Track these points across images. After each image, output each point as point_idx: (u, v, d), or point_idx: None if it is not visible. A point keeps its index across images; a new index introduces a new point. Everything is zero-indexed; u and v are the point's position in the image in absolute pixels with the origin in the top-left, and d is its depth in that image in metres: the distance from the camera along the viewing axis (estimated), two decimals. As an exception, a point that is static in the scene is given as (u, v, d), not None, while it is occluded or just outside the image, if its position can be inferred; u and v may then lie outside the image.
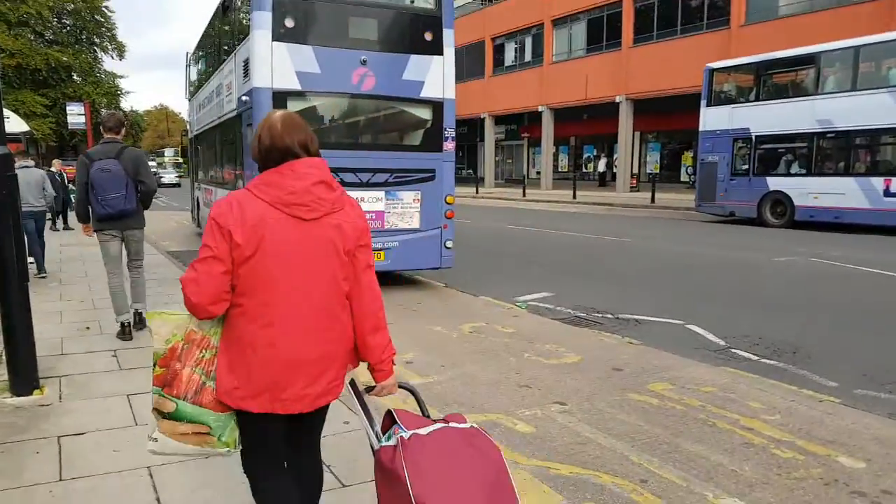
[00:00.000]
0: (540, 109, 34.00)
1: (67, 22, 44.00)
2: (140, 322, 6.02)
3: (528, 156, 39.16)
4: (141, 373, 4.79)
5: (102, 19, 44.54)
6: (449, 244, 8.76)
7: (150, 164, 10.68)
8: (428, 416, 2.22)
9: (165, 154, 64.41)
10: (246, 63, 8.12)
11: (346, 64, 7.88)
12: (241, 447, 2.19)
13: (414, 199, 8.48)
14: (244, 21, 8.60)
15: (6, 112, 15.33)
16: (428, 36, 8.30)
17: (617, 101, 29.76)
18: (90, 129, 15.38)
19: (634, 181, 30.38)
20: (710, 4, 26.16)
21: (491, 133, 38.75)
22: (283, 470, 2.28)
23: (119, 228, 5.85)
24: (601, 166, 33.43)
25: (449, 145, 8.71)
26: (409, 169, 8.43)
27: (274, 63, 7.59)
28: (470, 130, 42.07)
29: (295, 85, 7.70)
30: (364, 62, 7.94)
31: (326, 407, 2.23)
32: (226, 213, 1.97)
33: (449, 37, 8.45)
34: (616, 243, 13.75)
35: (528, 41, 35.97)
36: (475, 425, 2.14)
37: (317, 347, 2.07)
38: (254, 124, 7.29)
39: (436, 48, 8.36)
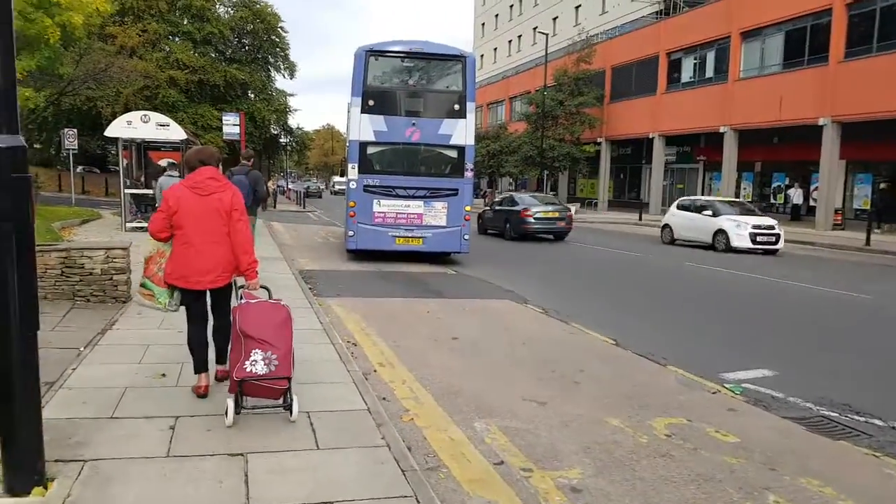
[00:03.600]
0: (722, 130, 30.26)
1: (246, 41, 46.97)
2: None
3: (704, 181, 35.24)
4: (194, 466, 3.26)
5: (277, 39, 47.03)
6: (466, 237, 13.13)
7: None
8: (270, 298, 4.33)
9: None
10: (349, 123, 13.58)
11: (402, 125, 12.71)
12: (172, 309, 4.55)
13: (442, 207, 12.91)
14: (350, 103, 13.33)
15: (166, 119, 15.49)
16: (456, 107, 12.83)
17: (820, 123, 25.47)
18: (244, 139, 15.20)
19: (839, 217, 25.78)
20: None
21: (660, 154, 35.36)
22: (199, 321, 4.55)
23: None
24: (796, 197, 28.96)
25: (468, 174, 13.08)
26: (440, 188, 12.95)
27: (361, 126, 12.64)
28: (634, 151, 38.94)
29: (372, 137, 12.72)
30: (414, 124, 12.70)
31: (225, 287, 4.51)
32: (169, 192, 4.37)
33: (470, 106, 12.88)
34: (850, 301, 10.44)
35: (711, 56, 32.33)
36: (281, 301, 4.29)
37: (209, 258, 4.33)
38: (348, 159, 13.13)
39: (461, 114, 12.80)
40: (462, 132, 12.76)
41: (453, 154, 12.95)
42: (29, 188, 3.04)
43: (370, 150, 12.78)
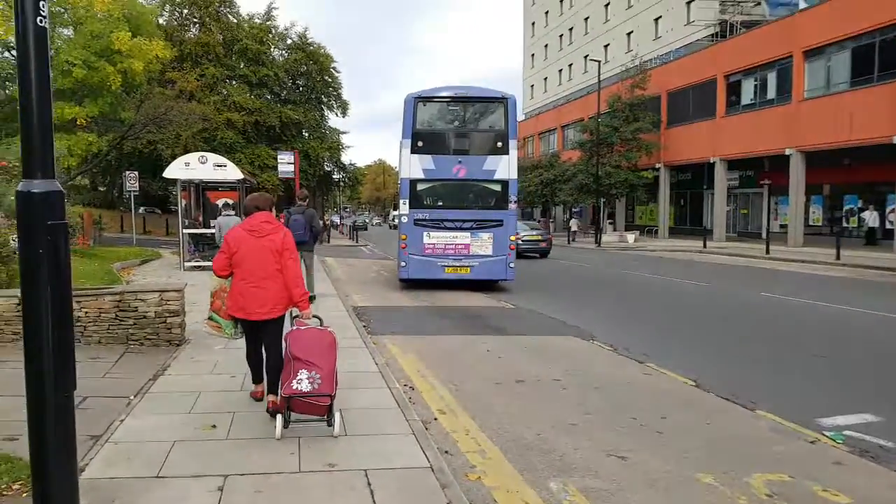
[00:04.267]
0: (787, 153, 28.99)
1: (300, 83, 48.15)
2: (311, 300, 9.10)
3: (769, 206, 33.82)
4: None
5: (330, 79, 48.07)
6: (512, 265, 13.66)
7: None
8: (321, 324, 4.87)
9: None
10: (400, 162, 14.07)
11: (449, 163, 13.49)
12: (237, 337, 5.13)
13: (488, 238, 13.53)
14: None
15: (223, 160, 15.69)
16: (499, 144, 13.52)
17: (895, 141, 24.08)
18: (297, 177, 15.29)
19: (919, 240, 24.14)
20: None
21: (722, 179, 34.11)
22: (257, 349, 5.04)
23: (300, 250, 8.84)
24: (871, 220, 27.35)
25: (512, 206, 13.71)
26: (486, 220, 13.60)
27: (411, 165, 13.49)
28: (694, 177, 37.74)
29: (421, 175, 13.55)
30: (460, 161, 13.48)
31: (277, 319, 4.87)
32: (229, 235, 4.91)
33: (513, 143, 13.54)
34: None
35: (772, 76, 31.20)
36: (329, 328, 4.82)
37: (265, 292, 4.75)
38: (400, 195, 13.83)
39: (504, 150, 13.48)
40: (505, 167, 13.53)
41: (497, 188, 13.69)
42: (65, 235, 2.80)
43: (420, 186, 13.67)
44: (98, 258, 15.10)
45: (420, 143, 13.48)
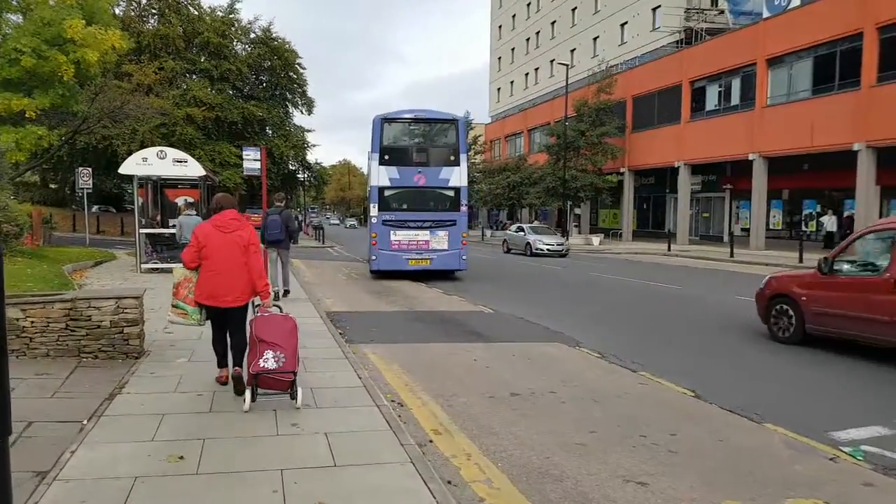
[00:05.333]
0: (751, 158, 29.36)
1: (264, 78, 46.92)
2: (285, 294, 11.31)
3: (730, 210, 34.27)
4: None
5: (295, 76, 46.93)
6: (464, 258, 16.27)
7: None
8: (280, 311, 5.36)
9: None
10: (369, 172, 16.59)
11: (411, 172, 15.85)
12: (202, 323, 5.48)
13: (444, 235, 15.91)
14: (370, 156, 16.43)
15: (184, 155, 14.87)
16: (452, 157, 16.04)
17: (855, 148, 24.55)
18: (265, 174, 14.58)
19: (878, 245, 24.62)
20: None
21: (686, 183, 34.43)
22: (223, 334, 5.54)
23: (276, 248, 11.37)
24: (829, 225, 27.88)
25: (463, 208, 16.24)
26: (442, 220, 15.99)
27: (379, 175, 15.73)
28: (657, 181, 38.07)
29: (387, 183, 15.81)
30: (420, 171, 15.84)
31: (242, 307, 5.43)
32: (198, 230, 5.42)
33: (463, 157, 16.32)
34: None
35: (736, 83, 31.61)
36: (289, 314, 5.32)
37: (232, 282, 5.27)
38: (370, 200, 16.15)
39: (456, 163, 16.05)
40: (458, 176, 16.19)
41: (451, 193, 16.24)
42: None
43: (387, 192, 16.02)
44: (48, 259, 14.10)
45: (386, 157, 15.89)
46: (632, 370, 7.22)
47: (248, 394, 4.97)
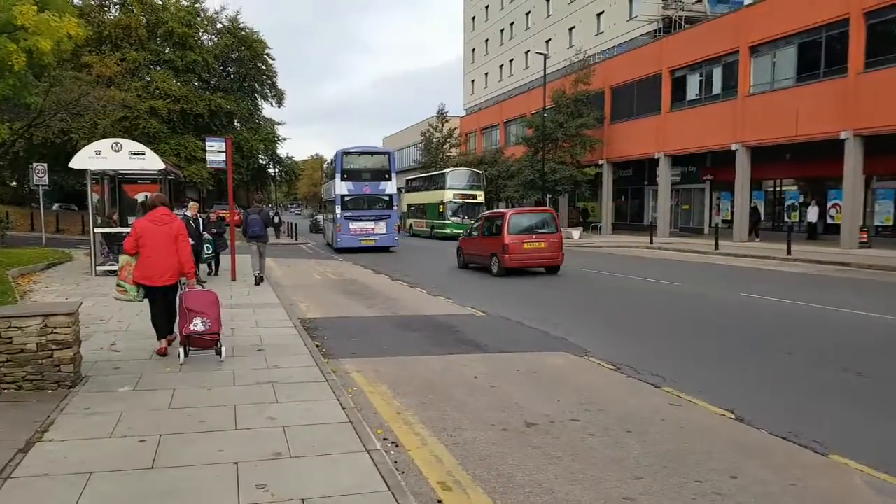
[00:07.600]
0: (734, 147, 28.77)
1: (231, 69, 45.15)
2: (260, 280, 13.31)
3: (711, 201, 33.77)
4: None
5: (264, 66, 45.23)
6: (396, 238, 26.78)
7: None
8: (202, 288, 7.24)
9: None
10: (333, 185, 26.78)
11: (361, 186, 26.31)
12: (140, 299, 6.76)
13: (383, 224, 26.13)
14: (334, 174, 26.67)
15: (141, 147, 13.52)
16: (387, 175, 26.57)
17: (842, 137, 24.06)
18: (231, 167, 13.21)
19: (865, 235, 24.19)
20: None
21: (666, 175, 33.72)
22: (160, 311, 6.85)
23: (256, 242, 13.76)
24: (812, 215, 27.45)
25: (395, 207, 27.19)
26: (381, 215, 26.18)
27: (342, 187, 26.07)
28: (636, 173, 37.46)
29: (347, 193, 26.04)
30: (367, 185, 26.34)
31: (173, 285, 6.83)
32: (137, 223, 6.80)
33: (394, 175, 26.91)
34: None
35: (718, 71, 30.97)
36: (211, 290, 6.95)
37: (164, 265, 6.65)
38: (336, 203, 26.34)
39: (389, 179, 26.61)
40: (392, 188, 26.42)
41: (387, 198, 26.31)
42: None
43: (346, 198, 25.76)
44: (-8, 263, 12.78)
45: (345, 176, 25.84)
46: (653, 385, 6.31)
47: (181, 351, 6.42)
